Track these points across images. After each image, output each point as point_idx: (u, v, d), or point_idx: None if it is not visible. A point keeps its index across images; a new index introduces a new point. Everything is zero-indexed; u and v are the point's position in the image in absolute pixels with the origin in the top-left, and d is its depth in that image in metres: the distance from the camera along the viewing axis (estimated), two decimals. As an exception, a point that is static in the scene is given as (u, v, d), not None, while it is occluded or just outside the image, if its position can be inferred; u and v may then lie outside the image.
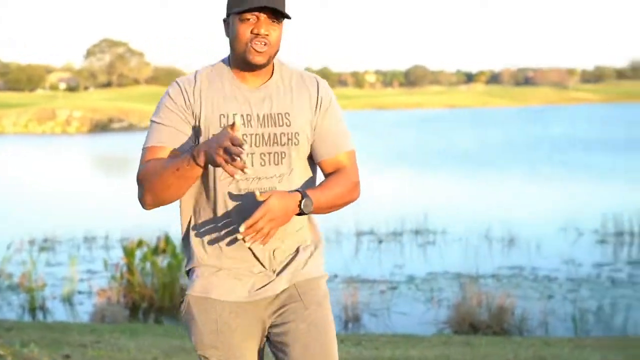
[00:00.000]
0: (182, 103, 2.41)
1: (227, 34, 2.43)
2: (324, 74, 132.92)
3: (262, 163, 2.41)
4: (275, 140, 2.41)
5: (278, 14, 2.38)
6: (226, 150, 2.17)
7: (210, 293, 2.44)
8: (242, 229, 2.24)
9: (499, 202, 16.22)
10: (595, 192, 17.67)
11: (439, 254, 11.80)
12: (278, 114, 2.42)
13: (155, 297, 9.26)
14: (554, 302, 8.91)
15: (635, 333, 7.94)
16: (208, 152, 2.22)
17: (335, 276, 10.49)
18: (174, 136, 2.39)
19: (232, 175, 2.19)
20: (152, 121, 2.45)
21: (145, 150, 2.41)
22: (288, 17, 2.40)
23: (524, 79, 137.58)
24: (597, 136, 36.76)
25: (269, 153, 2.41)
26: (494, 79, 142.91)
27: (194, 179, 2.33)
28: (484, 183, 20.04)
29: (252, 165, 2.39)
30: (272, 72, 2.48)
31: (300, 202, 2.33)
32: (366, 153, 29.62)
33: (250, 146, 2.39)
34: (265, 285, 2.45)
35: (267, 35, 2.36)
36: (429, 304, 9.11)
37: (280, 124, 2.42)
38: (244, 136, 2.38)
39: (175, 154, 2.39)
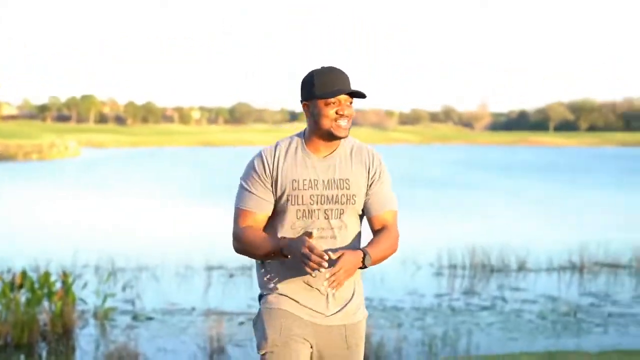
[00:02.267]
0: (263, 172, 3.10)
1: (310, 114, 3.09)
2: (148, 108, 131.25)
3: (326, 217, 3.09)
4: (337, 200, 3.08)
5: (355, 96, 3.06)
6: (305, 256, 2.90)
7: (280, 305, 3.11)
8: (327, 278, 2.90)
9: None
10: (429, 227, 18.84)
11: (290, 287, 12.24)
12: (340, 179, 3.09)
13: (12, 333, 9.08)
14: (403, 330, 9.58)
15: (477, 352, 8.72)
16: (291, 250, 2.96)
17: (193, 309, 10.70)
18: (258, 203, 3.11)
19: (311, 272, 2.89)
20: (241, 184, 3.16)
21: (237, 210, 3.16)
22: (364, 97, 3.04)
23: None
24: (418, 174, 38.82)
25: (332, 209, 3.07)
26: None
27: (276, 258, 3.08)
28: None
29: (318, 219, 3.09)
30: (339, 144, 3.15)
31: (364, 258, 2.99)
32: (200, 188, 29.83)
33: (318, 204, 3.08)
34: (324, 315, 3.14)
35: (349, 115, 3.06)
36: (288, 333, 9.51)
37: (341, 187, 3.08)
38: (311, 196, 3.08)
39: (264, 234, 3.11)
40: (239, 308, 10.74)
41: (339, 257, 2.90)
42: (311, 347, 3.11)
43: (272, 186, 3.09)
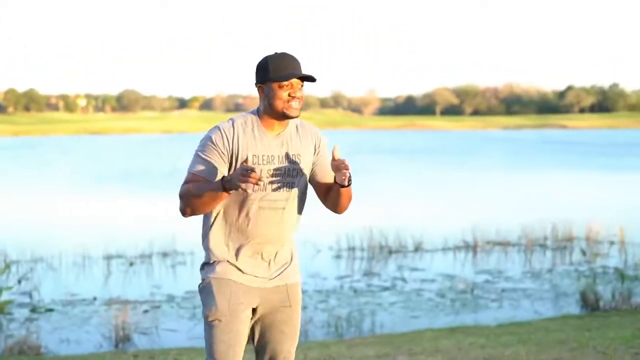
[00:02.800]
0: (221, 144, 3.28)
1: (265, 95, 3.31)
2: (30, 96, 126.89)
3: (279, 189, 3.33)
4: (289, 174, 3.33)
5: (306, 80, 3.29)
6: (242, 172, 3.09)
7: (228, 275, 3.31)
8: (343, 164, 3.26)
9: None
10: (326, 211, 19.02)
11: (192, 273, 12.20)
12: (293, 154, 3.35)
13: None
14: (308, 312, 9.70)
15: (382, 331, 8.95)
16: (231, 181, 3.13)
17: (94, 299, 10.52)
18: (210, 170, 3.27)
19: (246, 190, 3.09)
20: (196, 153, 3.31)
21: (188, 175, 3.30)
22: (314, 80, 3.30)
23: (235, 105, 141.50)
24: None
25: (283, 183, 3.32)
26: (207, 104, 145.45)
27: (220, 200, 3.24)
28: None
29: (272, 191, 3.31)
30: (288, 123, 3.39)
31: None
32: (90, 177, 29.16)
33: (273, 177, 3.30)
34: (267, 279, 3.36)
35: (300, 97, 3.31)
36: (194, 319, 9.50)
37: (293, 162, 3.34)
38: (269, 171, 3.30)
39: (208, 180, 3.26)
40: (142, 296, 10.63)
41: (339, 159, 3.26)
42: (254, 310, 3.32)
43: (229, 159, 3.27)
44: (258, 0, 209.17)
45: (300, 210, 3.45)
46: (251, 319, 3.35)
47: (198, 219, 3.49)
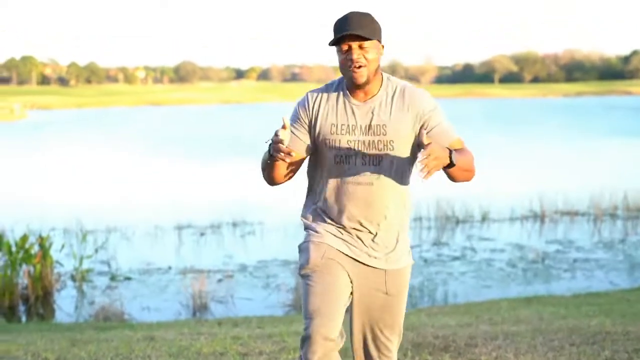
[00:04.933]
0: (304, 112, 3.10)
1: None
2: (91, 69, 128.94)
3: (363, 163, 3.02)
4: (374, 146, 3.01)
5: (364, 38, 2.94)
6: (273, 140, 2.91)
7: (326, 240, 3.09)
8: (421, 172, 2.81)
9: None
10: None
11: (262, 243, 12.37)
12: (377, 125, 3.02)
13: (-9, 297, 9.05)
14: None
15: (455, 301, 8.98)
16: (269, 148, 2.96)
17: (169, 268, 10.76)
18: (292, 139, 3.09)
19: (283, 159, 2.87)
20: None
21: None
22: (370, 39, 2.95)
23: (292, 75, 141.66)
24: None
25: (369, 156, 3.01)
26: (264, 75, 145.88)
27: (277, 167, 3.04)
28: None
29: (355, 165, 3.02)
30: (380, 87, 3.05)
31: (451, 153, 2.89)
32: (155, 147, 29.60)
33: (355, 149, 3.02)
34: (366, 254, 3.10)
35: (359, 59, 2.95)
36: (268, 289, 9.66)
37: (378, 133, 3.01)
38: (349, 141, 3.03)
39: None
40: (215, 266, 10.83)
41: (428, 144, 2.83)
42: (351, 281, 3.07)
43: (309, 127, 3.07)
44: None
45: (401, 189, 3.08)
46: (349, 295, 3.08)
47: (269, 189, 3.41)
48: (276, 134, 2.89)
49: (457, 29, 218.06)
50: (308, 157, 3.15)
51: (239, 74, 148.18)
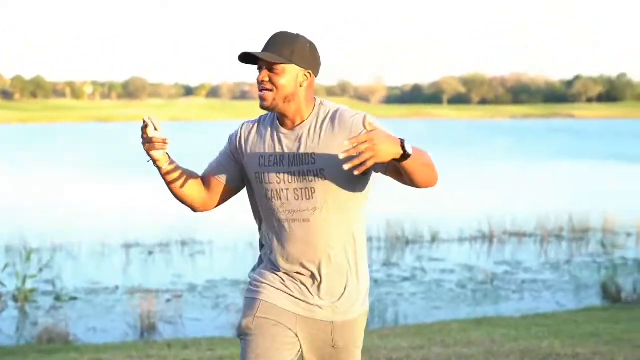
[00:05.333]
0: (234, 142, 2.88)
1: None
2: (37, 83, 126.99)
3: (296, 197, 2.72)
4: (304, 177, 2.69)
5: (254, 62, 2.72)
6: (143, 141, 2.78)
7: (260, 295, 2.78)
8: (342, 153, 2.44)
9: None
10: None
11: (211, 263, 12.24)
12: (304, 154, 2.70)
13: None
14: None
15: (406, 322, 8.97)
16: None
17: (117, 288, 10.57)
18: (216, 165, 2.90)
19: (162, 148, 2.78)
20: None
21: None
22: (278, 63, 2.68)
23: (241, 93, 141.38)
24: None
25: (301, 189, 2.70)
26: (213, 92, 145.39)
27: (170, 181, 2.88)
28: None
29: (288, 200, 2.72)
30: (311, 113, 2.77)
31: (402, 141, 2.47)
32: (101, 165, 29.20)
33: (285, 182, 2.73)
34: (308, 304, 2.76)
35: (263, 80, 2.71)
36: (218, 309, 9.54)
37: (306, 162, 2.70)
38: (277, 174, 2.75)
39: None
40: (163, 285, 10.66)
41: (371, 130, 2.45)
42: (296, 335, 2.75)
43: (241, 159, 2.84)
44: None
45: (347, 225, 2.72)
46: (297, 350, 2.76)
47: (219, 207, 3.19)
48: (144, 134, 2.75)
49: (406, 50, 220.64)
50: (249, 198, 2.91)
51: (188, 91, 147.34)
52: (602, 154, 36.64)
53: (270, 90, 2.71)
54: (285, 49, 2.71)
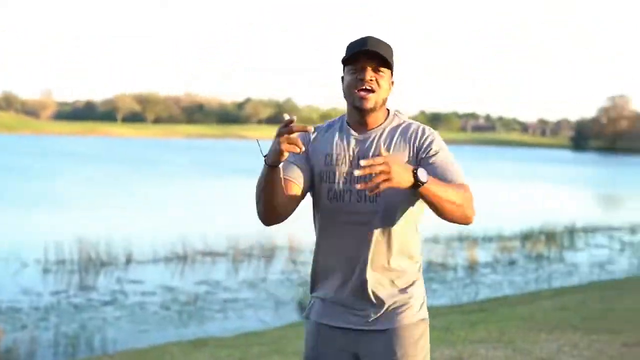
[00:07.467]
0: (307, 143, 2.76)
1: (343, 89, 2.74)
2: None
3: (358, 200, 2.67)
4: (370, 180, 2.46)
5: (380, 63, 2.65)
6: (281, 133, 2.43)
7: (317, 317, 2.80)
8: (358, 171, 2.36)
9: None
10: (26, 220, 17.95)
11: None
12: (374, 157, 2.59)
13: None
14: (30, 332, 9.09)
15: (115, 349, 8.68)
16: (271, 149, 2.47)
17: None
18: (288, 164, 2.70)
19: (293, 150, 2.42)
20: None
21: None
22: (389, 66, 2.66)
23: None
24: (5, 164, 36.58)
25: (364, 192, 2.64)
26: None
27: (273, 183, 2.56)
28: None
29: (350, 201, 2.68)
30: (385, 120, 2.76)
31: (415, 170, 2.43)
32: None
33: (349, 183, 2.68)
34: (364, 318, 2.74)
35: (371, 80, 2.66)
36: None
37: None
38: (343, 174, 2.70)
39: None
40: None
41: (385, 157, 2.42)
42: (357, 356, 2.73)
43: (307, 159, 2.74)
44: None
45: (404, 233, 2.71)
46: None
47: None
48: (289, 131, 2.42)
49: (78, 64, 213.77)
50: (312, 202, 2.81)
51: None
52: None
53: (374, 92, 2.67)
54: (388, 53, 2.69)
